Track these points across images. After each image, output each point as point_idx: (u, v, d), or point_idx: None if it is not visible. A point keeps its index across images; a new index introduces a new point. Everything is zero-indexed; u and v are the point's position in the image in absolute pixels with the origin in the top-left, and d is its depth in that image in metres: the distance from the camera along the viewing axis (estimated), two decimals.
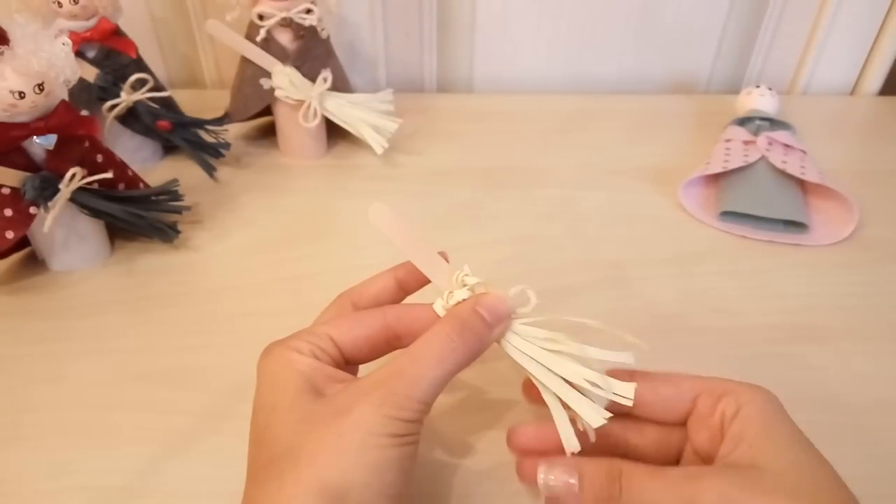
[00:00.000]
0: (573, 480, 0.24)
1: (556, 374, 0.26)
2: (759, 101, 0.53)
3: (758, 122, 0.51)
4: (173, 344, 0.37)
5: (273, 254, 0.44)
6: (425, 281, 0.29)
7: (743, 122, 0.52)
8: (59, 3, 0.44)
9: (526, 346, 0.27)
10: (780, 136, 0.48)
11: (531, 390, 0.27)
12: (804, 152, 0.48)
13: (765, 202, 0.45)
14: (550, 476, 0.25)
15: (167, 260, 0.43)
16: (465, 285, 0.27)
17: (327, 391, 0.24)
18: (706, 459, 0.25)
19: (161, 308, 0.40)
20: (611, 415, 0.25)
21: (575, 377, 0.25)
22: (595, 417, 0.25)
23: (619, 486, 0.23)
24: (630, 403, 0.25)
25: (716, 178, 0.49)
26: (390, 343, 0.27)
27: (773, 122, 0.51)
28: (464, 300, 0.27)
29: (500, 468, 0.30)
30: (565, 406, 0.26)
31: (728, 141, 0.50)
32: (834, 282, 0.42)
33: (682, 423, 0.27)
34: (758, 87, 0.54)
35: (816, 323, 0.38)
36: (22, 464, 0.31)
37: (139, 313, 0.39)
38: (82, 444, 0.32)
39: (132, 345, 0.37)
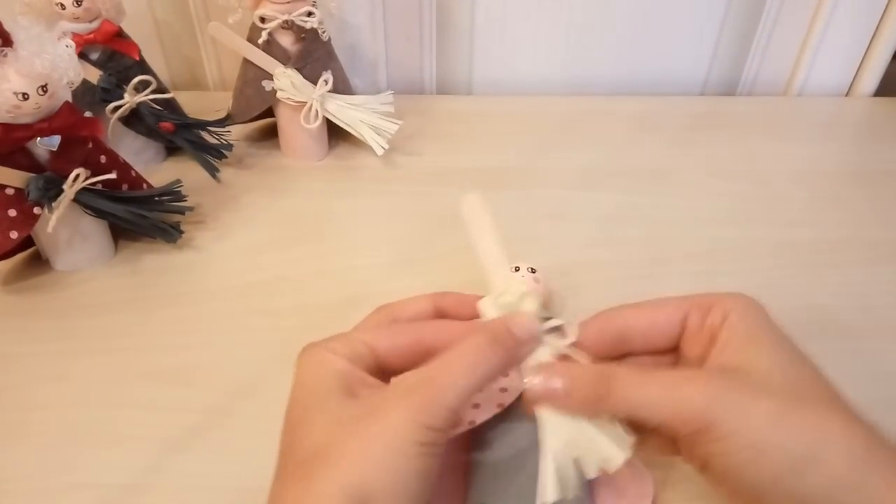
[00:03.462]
0: (559, 384, 0.24)
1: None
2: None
3: None
4: (177, 343, 0.38)
5: (275, 253, 0.44)
6: (468, 315, 0.29)
7: None
8: (62, 5, 0.45)
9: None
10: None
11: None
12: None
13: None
14: (535, 380, 0.25)
15: (170, 260, 0.43)
16: (517, 291, 0.28)
17: (359, 394, 0.24)
18: None
19: (164, 307, 0.40)
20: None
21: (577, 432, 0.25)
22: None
23: (608, 387, 0.24)
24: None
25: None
26: (425, 357, 0.27)
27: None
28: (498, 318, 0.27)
29: None
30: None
31: None
32: (830, 282, 0.42)
33: (675, 348, 0.27)
34: (516, 268, 0.35)
35: (813, 323, 0.39)
36: (26, 462, 0.32)
37: (143, 312, 0.40)
38: (86, 441, 0.33)
39: (136, 344, 0.38)
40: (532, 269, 0.37)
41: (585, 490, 0.28)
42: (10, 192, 0.38)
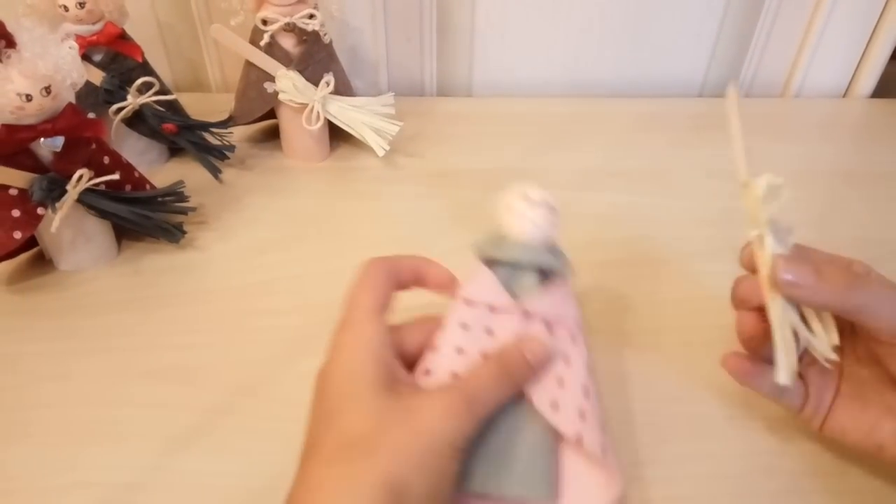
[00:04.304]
0: (811, 273, 0.28)
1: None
2: (525, 223, 0.30)
3: (518, 265, 0.30)
4: (178, 342, 0.38)
5: (276, 254, 0.45)
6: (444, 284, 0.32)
7: (495, 263, 0.30)
8: (65, 7, 0.45)
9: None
10: (548, 301, 0.29)
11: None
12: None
13: (503, 469, 0.27)
14: (790, 269, 0.28)
15: (173, 260, 0.44)
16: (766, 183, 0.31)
17: (397, 388, 0.25)
18: None
19: (167, 307, 0.40)
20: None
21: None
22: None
23: (854, 282, 0.27)
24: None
25: None
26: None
27: (544, 271, 0.30)
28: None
29: None
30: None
31: (469, 304, 0.29)
32: None
33: None
34: (525, 194, 0.30)
35: None
36: (29, 460, 0.32)
37: (145, 312, 0.40)
38: (89, 440, 0.33)
39: (138, 343, 0.38)
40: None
41: (552, 488, 0.28)
42: (13, 192, 0.38)
